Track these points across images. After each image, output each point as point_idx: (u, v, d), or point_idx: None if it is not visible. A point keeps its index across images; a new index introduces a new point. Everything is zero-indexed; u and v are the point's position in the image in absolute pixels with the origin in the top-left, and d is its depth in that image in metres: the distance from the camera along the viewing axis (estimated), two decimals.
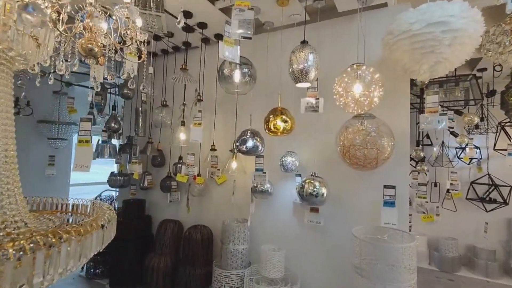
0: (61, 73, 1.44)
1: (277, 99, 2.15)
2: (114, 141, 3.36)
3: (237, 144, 2.17)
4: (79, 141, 1.44)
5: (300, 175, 2.36)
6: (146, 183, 3.18)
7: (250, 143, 2.14)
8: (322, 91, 2.08)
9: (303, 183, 2.05)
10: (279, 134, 2.11)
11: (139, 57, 1.93)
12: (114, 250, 3.07)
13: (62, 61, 1.21)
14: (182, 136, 2.62)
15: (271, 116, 2.08)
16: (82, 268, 3.48)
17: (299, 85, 1.86)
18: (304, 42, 1.83)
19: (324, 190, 2.01)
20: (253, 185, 2.42)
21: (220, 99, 2.90)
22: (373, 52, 2.13)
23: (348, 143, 1.89)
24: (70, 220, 1.29)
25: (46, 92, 4.12)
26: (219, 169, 2.82)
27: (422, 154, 2.76)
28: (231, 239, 2.42)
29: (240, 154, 2.28)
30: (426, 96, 1.73)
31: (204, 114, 2.93)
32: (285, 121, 2.06)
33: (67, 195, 4.61)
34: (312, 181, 2.03)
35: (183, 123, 2.65)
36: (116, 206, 3.78)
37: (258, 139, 2.16)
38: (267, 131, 2.11)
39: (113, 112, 2.91)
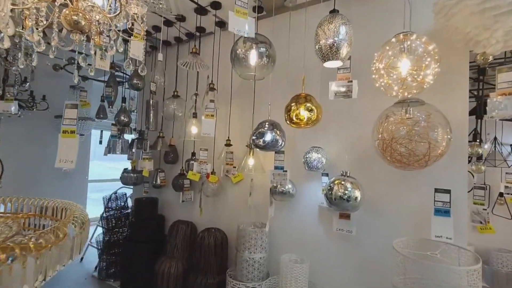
0: (38, 49, 1.22)
1: (300, 87, 1.82)
2: (127, 136, 3.20)
3: (254, 138, 1.87)
4: (63, 132, 1.22)
5: (327, 175, 2.01)
6: (158, 181, 2.98)
7: (268, 137, 1.83)
8: (355, 74, 1.71)
9: (331, 185, 1.70)
10: (302, 125, 1.78)
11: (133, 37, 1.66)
12: (125, 252, 2.90)
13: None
14: (193, 129, 2.36)
15: (293, 104, 1.76)
16: (96, 267, 3.36)
17: (328, 64, 1.52)
18: (334, 12, 1.49)
19: (357, 193, 1.66)
20: (272, 185, 2.11)
21: (236, 89, 2.61)
22: (418, 23, 1.73)
23: (389, 135, 1.52)
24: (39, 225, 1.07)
25: (63, 87, 4.06)
26: (235, 167, 2.54)
27: (480, 151, 2.29)
28: (247, 246, 2.12)
29: (258, 149, 1.98)
30: (497, 74, 1.32)
31: (219, 106, 2.66)
32: (310, 110, 1.72)
33: (85, 191, 4.56)
34: (342, 182, 1.68)
35: (194, 115, 2.38)
36: (130, 204, 3.63)
37: (278, 132, 1.84)
38: (288, 122, 1.79)
39: (123, 104, 2.72)
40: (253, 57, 1.71)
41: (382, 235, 1.81)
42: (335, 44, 1.46)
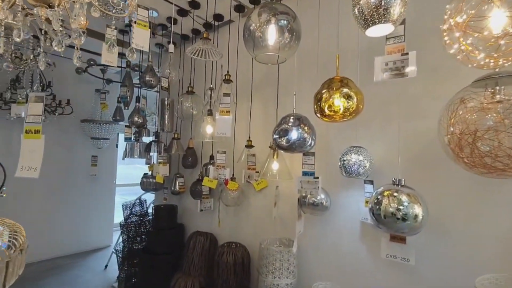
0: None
1: (334, 72, 1.40)
2: (147, 139, 3.00)
3: (276, 136, 1.50)
4: (26, 131, 0.96)
5: (371, 182, 1.57)
6: (177, 187, 2.72)
7: (293, 135, 1.45)
8: (411, 45, 1.25)
9: (379, 197, 1.26)
10: (337, 119, 1.36)
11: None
12: (142, 264, 2.67)
13: None
14: (208, 128, 2.05)
15: (324, 91, 1.35)
16: (117, 277, 3.21)
17: (372, 31, 1.09)
18: None
19: (417, 210, 1.20)
20: (300, 194, 1.71)
21: (257, 81, 2.26)
22: None
23: (468, 128, 1.05)
24: None
25: (89, 91, 4.05)
26: (257, 172, 2.18)
27: None
28: (271, 269, 1.74)
29: (282, 151, 1.60)
30: None
31: (239, 101, 2.33)
32: (348, 98, 1.30)
33: (113, 195, 4.52)
34: (395, 194, 1.23)
35: (209, 112, 2.07)
36: (150, 211, 3.44)
37: (306, 128, 1.45)
38: (319, 115, 1.38)
39: (137, 104, 2.51)
40: (271, 32, 1.34)
41: (454, 269, 1.32)
42: (383, 2, 1.04)
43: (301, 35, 1.41)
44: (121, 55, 2.62)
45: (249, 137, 2.14)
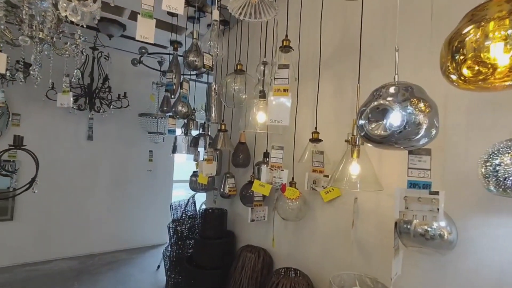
0: None
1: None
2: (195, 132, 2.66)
3: (362, 121, 0.89)
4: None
5: None
6: (226, 189, 2.29)
7: (397, 117, 0.82)
8: None
9: None
10: (496, 83, 0.69)
11: None
12: (187, 278, 2.33)
13: None
14: (260, 116, 1.52)
15: (470, 29, 0.68)
16: (166, 283, 2.97)
17: None
18: None
19: None
20: (398, 218, 1.05)
21: (327, 53, 1.65)
22: None
23: None
24: None
25: (147, 84, 3.96)
26: (326, 176, 1.58)
27: None
28: None
29: (369, 145, 0.98)
30: None
31: (302, 81, 1.75)
32: None
33: (170, 191, 4.40)
34: None
35: (261, 94, 1.54)
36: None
37: (422, 105, 0.81)
38: (455, 76, 0.72)
39: (181, 90, 2.15)
40: None
41: None
42: None
43: None
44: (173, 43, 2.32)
45: (316, 128, 1.54)
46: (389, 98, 0.85)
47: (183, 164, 5.74)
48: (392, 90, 0.86)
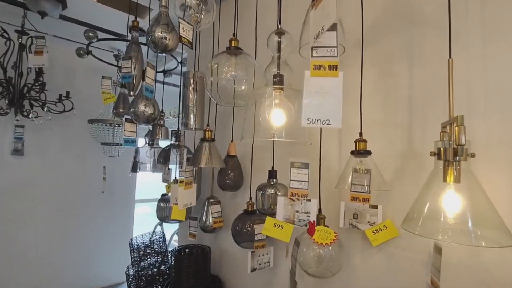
0: None
1: None
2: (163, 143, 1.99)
3: None
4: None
5: None
6: (210, 220, 1.66)
7: None
8: None
9: None
10: None
11: None
12: None
13: None
14: (277, 116, 0.94)
15: None
16: None
17: None
18: None
19: None
20: None
21: (369, 23, 1.13)
22: None
23: None
24: None
25: (100, 82, 3.18)
26: (375, 207, 1.04)
27: None
28: None
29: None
30: None
31: (343, 61, 1.20)
32: None
33: (132, 214, 3.60)
34: None
35: (277, 81, 0.95)
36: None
37: None
38: None
39: (144, 83, 1.48)
40: None
41: None
42: None
43: None
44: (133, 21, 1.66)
45: (360, 133, 1.00)
46: None
47: (150, 184, 4.88)
48: None
